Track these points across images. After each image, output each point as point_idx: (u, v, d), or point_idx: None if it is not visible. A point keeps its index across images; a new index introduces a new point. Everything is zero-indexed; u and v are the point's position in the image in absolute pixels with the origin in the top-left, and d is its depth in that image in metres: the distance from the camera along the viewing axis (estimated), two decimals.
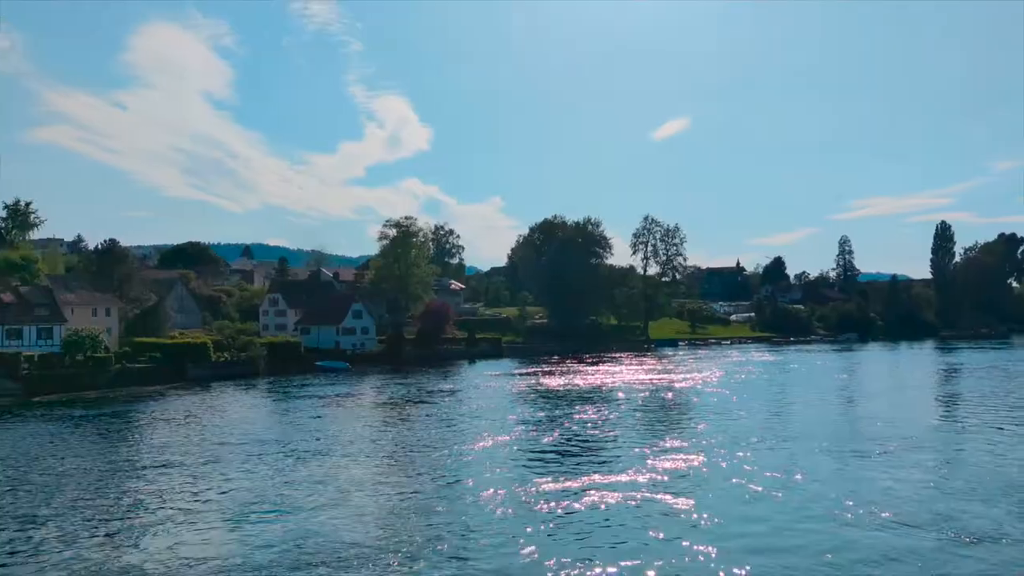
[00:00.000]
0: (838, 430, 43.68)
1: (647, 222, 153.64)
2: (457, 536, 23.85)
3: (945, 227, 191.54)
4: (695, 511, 26.14)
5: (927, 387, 68.34)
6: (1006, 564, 20.64)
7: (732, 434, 41.73)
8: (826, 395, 61.97)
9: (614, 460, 35.46)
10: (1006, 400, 56.72)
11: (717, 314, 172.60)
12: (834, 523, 24.62)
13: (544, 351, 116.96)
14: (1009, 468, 32.26)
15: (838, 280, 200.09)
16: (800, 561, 21.13)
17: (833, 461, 34.54)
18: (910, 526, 23.97)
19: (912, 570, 20.28)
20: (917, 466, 33.13)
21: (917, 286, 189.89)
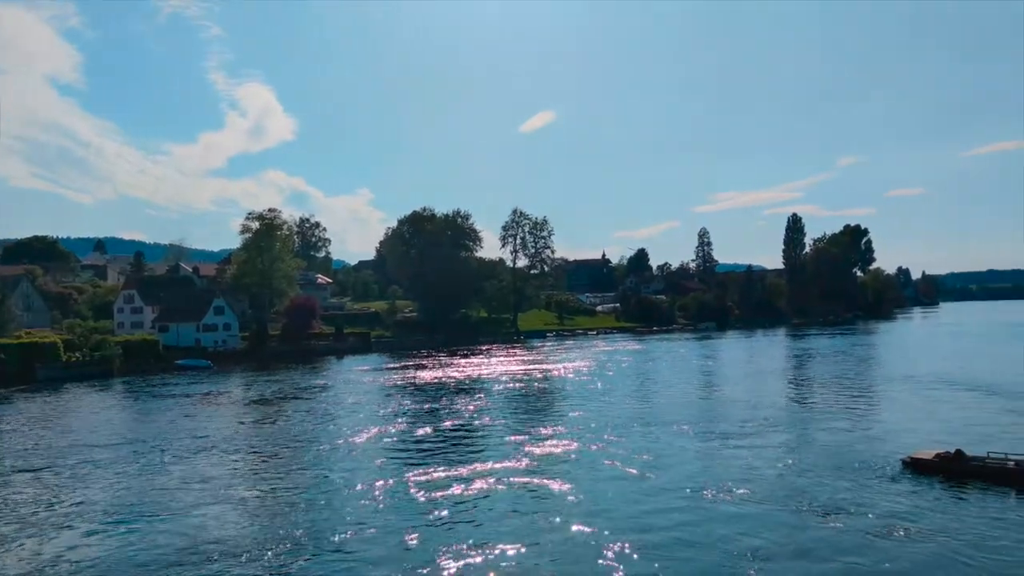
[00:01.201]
0: (701, 414, 45.40)
1: (516, 215, 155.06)
2: (338, 529, 23.48)
3: (796, 219, 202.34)
4: (572, 494, 26.72)
5: (781, 372, 71.82)
6: (851, 532, 21.92)
7: (603, 420, 42.83)
8: (689, 381, 64.29)
9: (491, 448, 35.66)
10: (852, 382, 60.46)
11: (584, 305, 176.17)
12: (700, 500, 25.70)
13: (414, 345, 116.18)
14: (856, 444, 34.26)
15: (698, 271, 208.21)
16: (669, 536, 21.99)
17: (698, 443, 35.94)
18: (767, 501, 25.24)
19: (769, 541, 21.32)
20: (773, 445, 34.82)
21: (771, 276, 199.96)
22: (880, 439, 34.98)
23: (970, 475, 26.82)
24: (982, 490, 25.64)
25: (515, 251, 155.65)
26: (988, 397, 48.21)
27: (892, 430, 37.22)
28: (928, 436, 34.02)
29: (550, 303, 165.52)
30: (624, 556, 20.36)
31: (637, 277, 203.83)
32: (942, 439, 31.62)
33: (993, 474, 26.59)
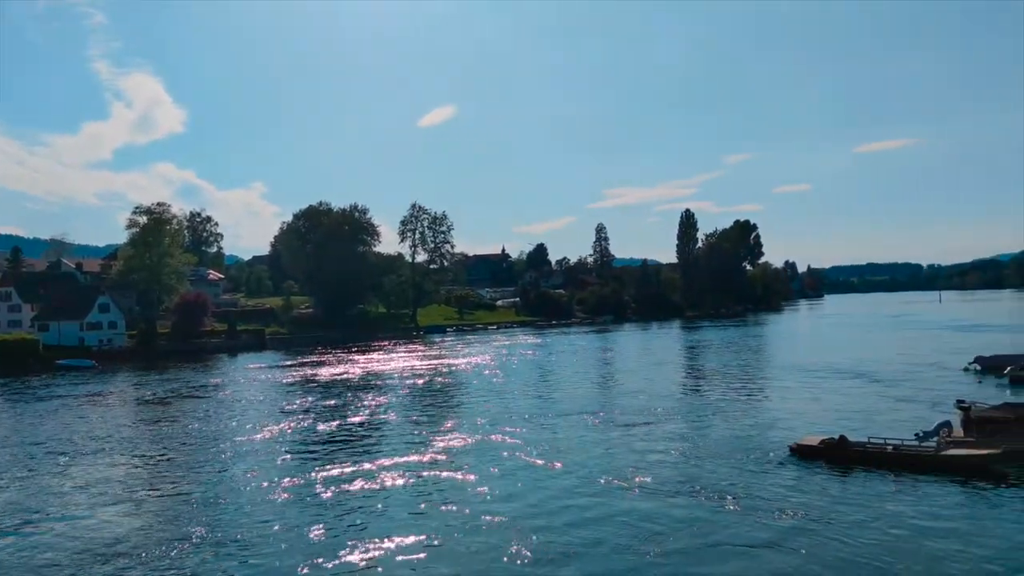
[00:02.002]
0: (601, 404, 46.22)
1: (415, 210, 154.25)
2: (241, 527, 22.92)
3: (689, 215, 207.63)
4: (476, 485, 26.88)
5: (676, 363, 73.67)
6: (743, 515, 22.64)
7: (506, 412, 43.16)
8: (589, 373, 65.44)
9: (395, 443, 35.45)
10: (743, 372, 62.59)
11: (484, 300, 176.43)
12: (601, 488, 26.18)
13: (311, 341, 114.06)
14: (747, 432, 35.40)
15: (596, 265, 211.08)
16: (574, 524, 22.29)
17: (598, 433, 36.56)
18: (665, 488, 25.84)
19: (668, 526, 21.84)
20: (670, 434, 35.68)
21: (665, 270, 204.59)
22: (769, 427, 36.21)
23: (853, 460, 27.99)
24: (864, 473, 26.85)
25: (414, 246, 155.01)
26: (869, 384, 50.57)
27: (781, 418, 38.58)
28: (814, 423, 35.36)
29: (450, 298, 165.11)
30: (530, 545, 20.48)
31: (537, 272, 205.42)
32: (827, 426, 32.86)
33: (873, 458, 27.84)
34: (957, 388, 45.29)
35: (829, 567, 18.35)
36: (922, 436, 28.65)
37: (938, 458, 27.00)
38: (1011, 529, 20.65)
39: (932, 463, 26.86)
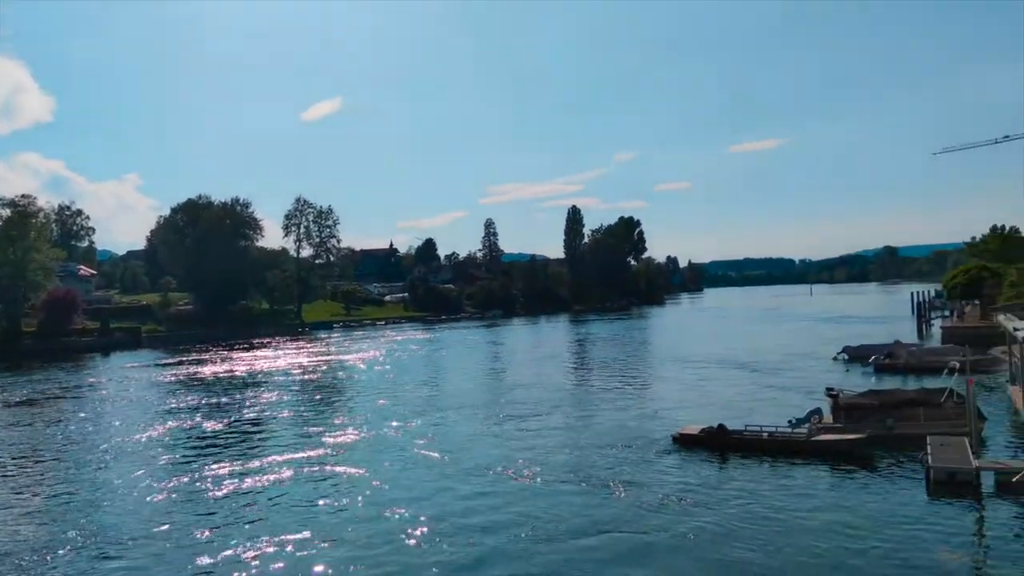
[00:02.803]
0: (492, 397, 46.74)
1: (299, 203, 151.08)
2: (124, 529, 22.12)
3: (576, 211, 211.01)
4: (368, 480, 26.79)
5: (564, 356, 74.81)
6: (629, 502, 23.36)
7: (396, 407, 43.06)
8: (479, 367, 65.91)
9: (284, 441, 34.93)
10: (628, 364, 64.35)
11: (372, 295, 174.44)
12: (493, 480, 26.47)
13: (191, 339, 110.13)
14: (632, 423, 36.38)
15: (485, 260, 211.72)
16: (467, 515, 22.47)
17: (490, 425, 36.99)
18: (554, 478, 26.35)
19: (558, 515, 22.23)
20: (558, 425, 36.36)
21: (553, 265, 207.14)
22: (654, 417, 37.28)
23: (731, 447, 29.11)
24: (742, 459, 27.96)
25: (299, 241, 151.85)
26: (747, 374, 52.69)
27: (664, 408, 39.77)
28: (696, 413, 36.48)
29: (336, 294, 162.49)
30: (424, 537, 20.55)
31: (426, 267, 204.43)
32: (708, 415, 33.96)
33: (750, 445, 29.04)
34: (827, 377, 47.61)
35: (713, 547, 19.10)
36: (795, 423, 30.06)
37: (810, 443, 28.39)
38: (874, 507, 21.92)
39: (804, 448, 28.22)
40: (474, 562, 18.78)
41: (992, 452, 26.97)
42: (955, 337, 60.01)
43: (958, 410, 28.66)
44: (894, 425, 29.52)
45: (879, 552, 18.29)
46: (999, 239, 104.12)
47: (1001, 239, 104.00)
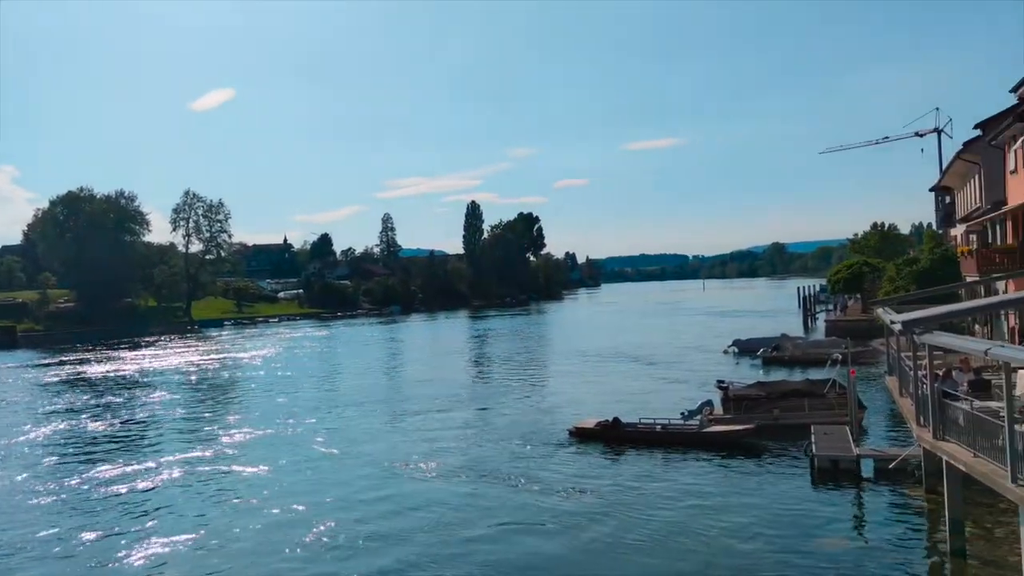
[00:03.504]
0: (391, 393, 46.57)
1: (188, 197, 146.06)
2: (5, 538, 20.91)
3: (475, 206, 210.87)
4: (266, 478, 26.52)
5: (463, 352, 74.67)
6: (527, 495, 23.47)
7: (293, 405, 42.44)
8: (377, 363, 65.32)
9: (176, 440, 34.01)
10: (527, 359, 64.86)
11: (265, 292, 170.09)
12: (393, 476, 26.43)
13: (71, 338, 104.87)
14: (530, 417, 36.63)
15: (382, 256, 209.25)
16: (368, 511, 22.38)
17: (388, 421, 36.91)
18: (454, 473, 26.44)
19: (457, 508, 22.35)
20: (458, 421, 36.36)
21: (452, 260, 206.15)
22: (551, 411, 37.58)
23: (626, 440, 29.52)
24: (636, 451, 28.43)
25: (188, 235, 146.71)
26: (643, 367, 53.70)
27: (562, 402, 40.16)
28: (592, 406, 36.86)
29: (228, 290, 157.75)
30: (323, 535, 20.25)
31: (321, 262, 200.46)
32: (605, 409, 34.30)
33: (644, 437, 29.48)
34: (718, 369, 48.83)
35: (607, 538, 19.31)
36: (687, 415, 30.68)
37: (701, 435, 29.04)
38: (761, 495, 22.56)
39: (696, 439, 28.84)
40: (373, 560, 18.47)
41: (872, 440, 28.13)
42: (838, 330, 62.51)
43: (840, 400, 29.74)
44: (780, 415, 30.44)
45: (766, 539, 18.76)
46: (879, 236, 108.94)
47: (880, 236, 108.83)
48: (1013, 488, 12.45)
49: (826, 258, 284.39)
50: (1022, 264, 33.91)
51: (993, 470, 13.40)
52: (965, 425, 15.14)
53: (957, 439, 15.41)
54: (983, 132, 43.54)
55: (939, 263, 52.09)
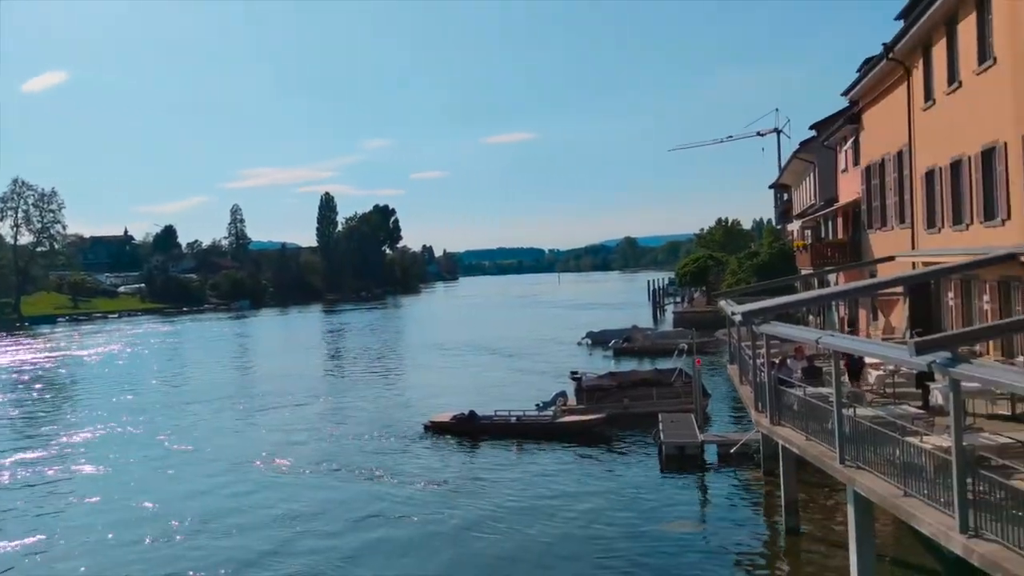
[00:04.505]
0: (242, 389, 45.48)
1: (17, 186, 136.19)
2: None
3: (329, 198, 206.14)
4: (113, 477, 25.86)
5: (317, 346, 73.26)
6: (384, 489, 23.35)
7: (139, 403, 40.97)
8: (227, 359, 63.30)
9: (12, 442, 32.42)
10: (383, 353, 64.25)
11: (103, 286, 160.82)
12: (248, 473, 26.06)
13: None
14: (386, 412, 36.44)
15: (231, 248, 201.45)
16: (221, 509, 21.92)
17: (240, 418, 36.18)
18: (309, 469, 26.15)
19: (312, 504, 22.07)
20: (312, 416, 35.89)
21: (305, 253, 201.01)
22: (408, 405, 37.47)
23: (482, 432, 29.69)
24: (492, 444, 28.64)
25: (16, 226, 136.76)
26: (500, 360, 54.18)
27: (419, 396, 40.01)
28: (449, 399, 36.84)
29: (62, 285, 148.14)
30: (175, 534, 19.75)
31: (165, 255, 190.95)
32: (460, 401, 34.31)
33: (500, 429, 29.69)
34: (572, 360, 49.83)
35: (462, 531, 19.42)
36: (542, 406, 31.10)
37: (555, 425, 29.50)
38: (612, 483, 23.25)
39: (550, 430, 29.29)
40: (225, 558, 17.99)
41: (715, 426, 29.41)
42: (685, 321, 65.02)
43: (686, 388, 30.86)
44: (630, 404, 31.32)
45: (615, 525, 19.31)
46: (723, 231, 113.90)
47: (725, 231, 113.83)
48: (841, 468, 13.20)
49: (675, 252, 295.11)
50: (852, 258, 36.17)
51: (823, 452, 14.17)
52: (798, 410, 15.95)
53: (791, 423, 16.22)
54: (817, 133, 46.29)
55: (777, 257, 54.92)
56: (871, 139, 32.42)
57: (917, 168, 25.75)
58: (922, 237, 25.56)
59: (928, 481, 10.76)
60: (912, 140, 26.12)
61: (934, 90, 23.73)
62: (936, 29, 22.77)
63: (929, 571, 14.93)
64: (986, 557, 9.11)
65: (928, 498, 10.68)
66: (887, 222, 30.14)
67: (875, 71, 28.62)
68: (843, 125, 36.78)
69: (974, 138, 20.37)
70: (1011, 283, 19.30)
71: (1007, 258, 17.92)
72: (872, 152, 31.91)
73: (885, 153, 29.61)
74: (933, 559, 14.91)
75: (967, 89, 21.03)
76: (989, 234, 19.72)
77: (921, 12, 22.22)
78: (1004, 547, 9.02)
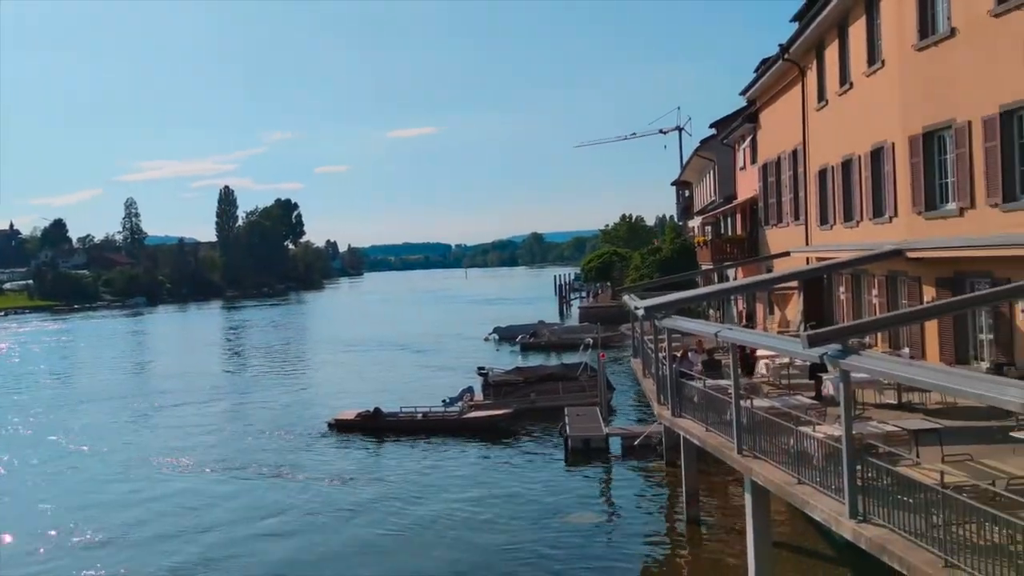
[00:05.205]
0: (139, 388, 44.36)
1: None
2: None
3: (228, 192, 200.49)
4: (5, 478, 25.38)
5: (218, 344, 71.44)
6: (288, 487, 23.19)
7: (30, 403, 39.96)
8: (123, 358, 61.22)
9: None
10: (287, 350, 63.19)
11: None
12: (148, 473, 25.58)
13: None
14: (290, 409, 35.95)
15: (126, 244, 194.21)
16: (122, 512, 21.47)
17: (139, 417, 35.44)
18: (211, 468, 25.79)
19: (216, 503, 21.92)
20: (214, 415, 35.35)
21: (204, 248, 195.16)
22: (312, 403, 36.96)
23: (388, 429, 29.49)
24: (398, 440, 28.53)
25: None
26: (407, 356, 53.92)
27: (324, 393, 39.60)
28: (355, 396, 36.42)
29: None
30: (73, 534, 19.35)
31: (55, 250, 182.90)
32: (369, 398, 33.90)
33: (406, 426, 29.51)
34: (480, 356, 49.78)
35: (370, 524, 19.45)
36: (448, 402, 31.03)
37: (461, 421, 29.48)
38: (517, 477, 23.40)
39: (457, 425, 29.27)
40: (132, 560, 17.64)
41: (620, 419, 29.78)
42: (590, 316, 65.71)
43: (592, 382, 31.24)
44: (537, 399, 31.51)
45: (520, 519, 19.44)
46: (627, 227, 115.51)
47: (629, 227, 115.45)
48: (739, 458, 13.52)
49: (580, 248, 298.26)
50: (750, 253, 37.20)
51: (722, 442, 14.49)
52: (699, 402, 16.27)
53: (692, 415, 16.54)
54: (717, 131, 47.41)
55: (679, 252, 56.03)
56: (768, 138, 33.39)
57: (811, 166, 26.63)
58: (815, 233, 26.44)
59: (820, 469, 11.09)
60: (806, 139, 27.00)
61: (827, 91, 24.57)
62: (829, 31, 23.56)
63: (822, 556, 15.45)
64: (873, 541, 9.44)
65: (820, 485, 11.01)
66: (783, 219, 31.10)
67: (771, 71, 29.46)
68: (741, 124, 37.78)
69: (864, 138, 21.16)
70: (898, 277, 20.16)
71: (894, 253, 18.68)
72: (769, 150, 32.87)
73: (781, 151, 30.53)
74: (826, 544, 15.45)
75: (857, 90, 21.83)
76: (878, 230, 20.52)
77: (815, 14, 22.94)
78: (890, 531, 9.35)
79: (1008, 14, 14.62)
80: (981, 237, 15.78)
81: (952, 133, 16.80)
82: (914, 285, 19.17)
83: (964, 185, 16.40)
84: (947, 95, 16.83)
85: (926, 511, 8.75)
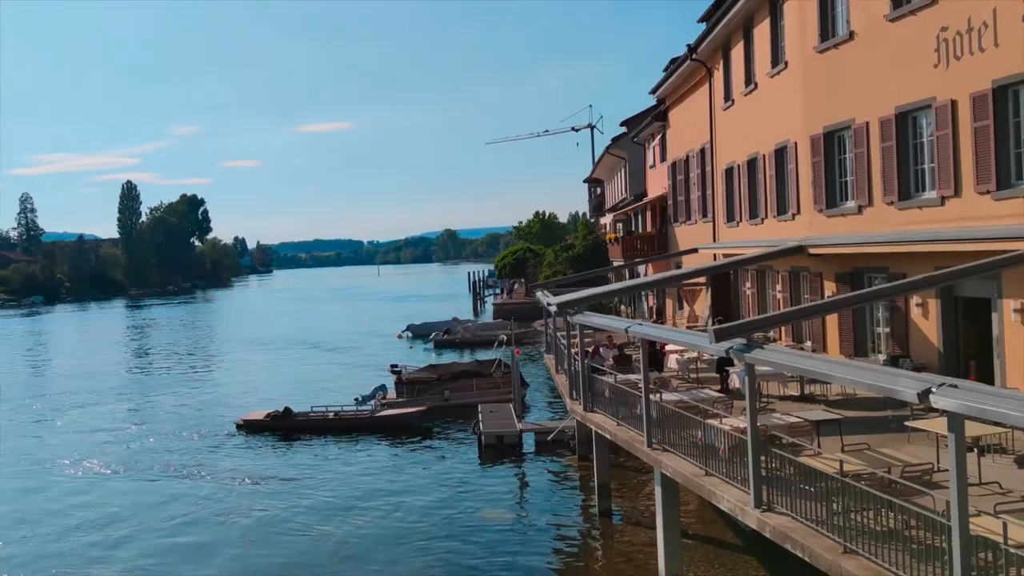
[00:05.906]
0: (38, 390, 42.82)
1: None
2: None
3: (131, 187, 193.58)
4: None
5: (121, 344, 68.92)
6: (198, 489, 22.54)
7: None
8: (20, 359, 58.72)
9: None
10: (193, 350, 61.49)
11: None
12: (50, 476, 24.87)
13: None
14: (198, 410, 35.08)
15: (21, 240, 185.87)
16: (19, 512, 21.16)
17: (37, 419, 34.34)
18: (117, 470, 25.15)
19: (124, 505, 21.27)
20: (119, 416, 34.37)
21: (106, 245, 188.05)
22: (220, 403, 36.11)
23: (299, 429, 29.00)
24: (308, 440, 28.09)
25: None
26: (318, 354, 53.13)
27: (232, 393, 38.72)
28: (265, 396, 35.82)
29: None
30: None
31: None
32: (277, 398, 33.27)
33: (317, 426, 29.03)
34: (393, 353, 49.34)
35: (279, 525, 19.08)
36: (361, 400, 30.64)
37: (374, 419, 29.17)
38: (431, 474, 23.26)
39: (369, 424, 28.97)
40: (29, 566, 17.05)
41: (534, 415, 29.99)
42: (504, 313, 65.78)
43: (505, 379, 31.27)
44: (451, 396, 31.38)
45: (434, 517, 19.30)
46: (540, 223, 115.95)
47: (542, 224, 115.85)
48: (648, 451, 13.71)
49: (494, 244, 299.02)
50: (660, 250, 37.88)
51: (633, 436, 14.67)
52: (610, 397, 16.46)
53: (604, 410, 16.72)
54: (628, 129, 48.09)
55: (591, 249, 56.65)
56: (677, 136, 34.03)
57: (718, 165, 27.26)
58: (722, 230, 27.08)
59: (726, 460, 11.33)
60: (713, 138, 27.63)
61: (733, 91, 25.17)
62: (735, 32, 24.14)
63: (731, 546, 15.80)
64: (777, 529, 9.69)
65: (727, 476, 11.25)
66: (691, 216, 31.76)
67: (680, 71, 30.04)
68: (651, 122, 38.42)
69: (768, 137, 21.75)
70: (800, 273, 20.79)
71: (796, 250, 19.26)
72: (677, 149, 33.51)
73: (689, 150, 31.16)
74: (733, 534, 15.81)
75: (762, 91, 22.43)
76: (782, 227, 21.13)
77: (721, 15, 23.48)
78: (793, 519, 9.61)
79: (903, 18, 15.21)
80: (878, 234, 16.39)
81: (851, 133, 17.40)
82: (816, 280, 19.81)
83: (863, 184, 17.01)
84: (846, 96, 17.42)
85: (827, 499, 9.02)
